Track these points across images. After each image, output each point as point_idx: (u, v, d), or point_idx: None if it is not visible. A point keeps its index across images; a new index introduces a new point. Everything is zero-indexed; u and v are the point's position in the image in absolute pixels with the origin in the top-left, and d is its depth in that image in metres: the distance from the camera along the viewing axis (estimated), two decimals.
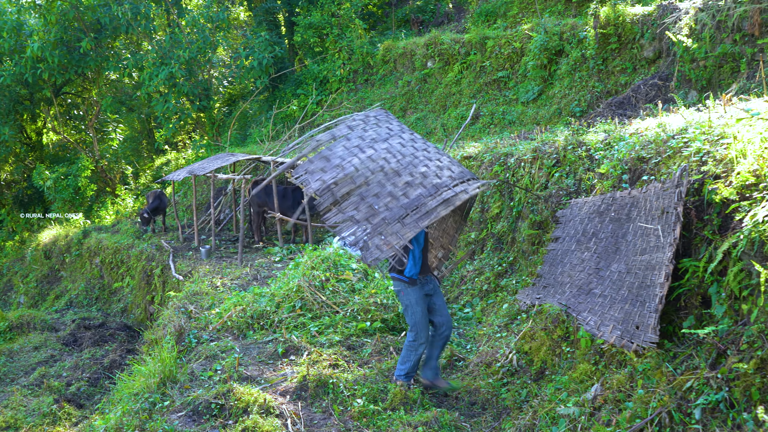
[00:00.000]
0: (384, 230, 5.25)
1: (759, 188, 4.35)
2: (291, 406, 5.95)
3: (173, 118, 22.23)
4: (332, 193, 5.37)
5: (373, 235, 5.23)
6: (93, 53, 22.99)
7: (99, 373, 11.34)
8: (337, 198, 5.37)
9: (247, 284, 10.62)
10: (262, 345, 7.68)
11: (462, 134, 14.60)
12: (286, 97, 22.82)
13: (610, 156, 7.14)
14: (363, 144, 5.69)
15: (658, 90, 11.09)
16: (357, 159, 5.54)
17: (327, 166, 5.48)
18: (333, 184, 5.34)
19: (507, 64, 16.25)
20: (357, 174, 5.41)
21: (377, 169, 5.50)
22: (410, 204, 5.38)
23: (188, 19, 22.45)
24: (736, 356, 4.06)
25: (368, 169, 5.50)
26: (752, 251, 4.21)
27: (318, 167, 5.48)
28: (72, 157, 27.53)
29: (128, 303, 15.99)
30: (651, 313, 4.82)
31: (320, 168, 5.47)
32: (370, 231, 5.24)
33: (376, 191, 5.41)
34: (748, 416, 3.67)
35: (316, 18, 21.50)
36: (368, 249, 5.19)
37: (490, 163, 10.21)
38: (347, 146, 5.64)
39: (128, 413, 6.06)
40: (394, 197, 5.42)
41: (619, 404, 4.66)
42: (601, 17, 12.66)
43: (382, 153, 5.67)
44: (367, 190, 5.41)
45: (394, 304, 8.35)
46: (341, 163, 5.47)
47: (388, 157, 5.64)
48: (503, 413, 5.98)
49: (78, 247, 19.78)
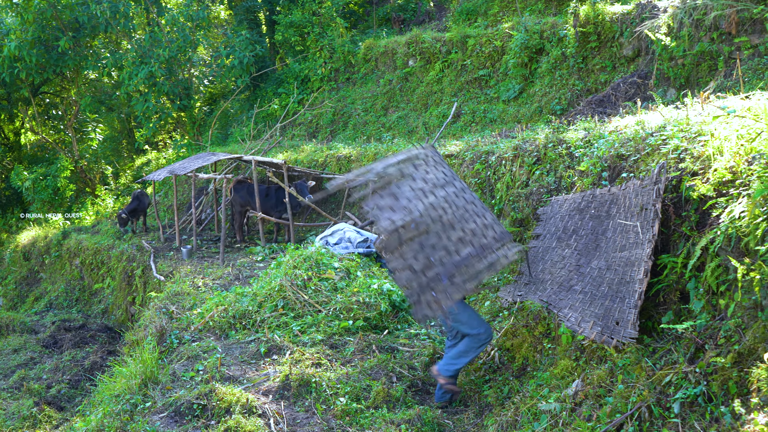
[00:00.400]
0: (436, 287, 5.24)
1: (735, 185, 4.40)
2: (274, 406, 5.94)
3: (153, 118, 22.08)
4: (399, 236, 5.28)
5: (426, 290, 5.22)
6: (71, 52, 22.77)
7: (80, 375, 11.25)
8: (403, 241, 5.31)
9: (229, 284, 10.58)
10: (244, 345, 7.66)
11: (443, 132, 14.64)
12: (267, 96, 22.74)
13: (590, 154, 7.20)
14: (426, 188, 5.53)
15: (638, 88, 11.18)
16: (422, 204, 5.39)
17: (395, 205, 5.31)
18: (401, 227, 5.27)
19: (488, 63, 16.31)
20: (421, 220, 5.31)
21: (437, 218, 5.41)
22: (460, 262, 5.36)
23: (168, 17, 22.30)
24: (714, 351, 4.11)
25: (430, 217, 5.38)
26: (729, 247, 4.27)
27: (387, 204, 5.31)
28: (51, 157, 27.26)
29: (109, 304, 15.87)
30: (630, 309, 4.87)
31: (389, 206, 5.29)
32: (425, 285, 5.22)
33: (433, 242, 5.34)
34: (726, 410, 3.71)
35: (297, 17, 21.44)
36: (420, 304, 5.19)
37: (472, 161, 10.25)
38: (413, 187, 5.45)
39: (109, 415, 6.02)
40: (447, 252, 5.38)
41: (600, 399, 4.70)
42: (581, 16, 12.75)
43: (441, 201, 5.55)
44: (426, 238, 5.36)
45: (376, 303, 8.35)
46: (408, 206, 5.31)
47: (446, 206, 5.54)
48: (485, 410, 6.02)
49: (57, 248, 19.60)
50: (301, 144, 18.26)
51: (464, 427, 5.82)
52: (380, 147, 14.44)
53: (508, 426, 5.33)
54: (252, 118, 21.38)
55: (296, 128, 20.95)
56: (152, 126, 22.12)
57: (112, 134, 30.72)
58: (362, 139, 17.66)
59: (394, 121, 17.97)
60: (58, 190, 24.50)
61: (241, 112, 24.09)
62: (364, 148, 14.74)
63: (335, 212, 14.64)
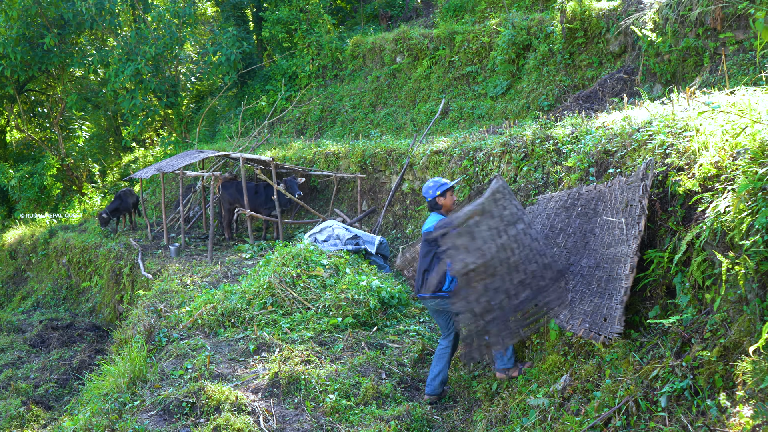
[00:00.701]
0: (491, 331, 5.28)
1: (720, 180, 4.44)
2: (263, 403, 5.94)
3: (140, 115, 21.96)
4: (468, 279, 5.25)
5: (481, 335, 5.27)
6: (57, 49, 22.61)
7: (67, 374, 11.19)
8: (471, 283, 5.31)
9: (217, 282, 10.56)
10: (233, 343, 7.65)
11: (431, 129, 14.65)
12: (254, 93, 22.67)
13: (577, 149, 7.23)
14: (500, 227, 5.45)
15: (624, 84, 11.24)
16: (494, 246, 5.33)
17: (471, 245, 5.25)
18: (472, 270, 5.26)
19: (475, 59, 16.33)
20: (491, 263, 5.29)
21: (504, 260, 5.38)
22: (518, 307, 5.38)
23: (154, 14, 22.18)
24: (700, 344, 4.15)
25: (499, 259, 5.35)
26: (714, 241, 4.30)
27: (463, 244, 5.24)
28: (37, 155, 27.08)
29: (97, 303, 15.78)
30: (617, 305, 4.90)
31: (465, 246, 5.23)
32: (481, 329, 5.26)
33: (497, 285, 5.34)
34: (712, 403, 3.75)
35: (285, 13, 21.37)
36: (471, 347, 5.26)
37: (460, 158, 10.27)
38: (490, 226, 5.38)
39: (98, 414, 6.00)
40: (508, 296, 5.38)
41: (588, 394, 4.73)
42: (568, 12, 12.78)
43: (511, 242, 5.50)
44: (492, 282, 5.34)
45: (365, 300, 8.36)
46: (482, 247, 5.25)
47: (514, 247, 5.49)
48: (474, 405, 6.04)
49: (44, 247, 19.46)
50: (289, 141, 18.22)
51: (453, 423, 5.85)
52: (368, 144, 14.44)
53: (497, 421, 5.36)
54: (239, 115, 21.31)
55: (284, 125, 20.90)
56: (139, 123, 22.00)
57: (98, 132, 30.53)
58: (350, 135, 17.65)
59: (382, 118, 17.97)
60: (45, 189, 24.33)
61: (229, 110, 24.01)
62: (353, 145, 14.73)
63: (324, 209, 14.63)
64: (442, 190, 6.10)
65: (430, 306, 6.18)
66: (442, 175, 10.90)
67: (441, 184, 6.13)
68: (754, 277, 3.86)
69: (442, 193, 6.09)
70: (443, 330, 6.26)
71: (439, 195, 6.10)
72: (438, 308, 6.10)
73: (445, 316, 6.15)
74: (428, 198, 6.17)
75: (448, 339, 6.22)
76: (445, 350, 6.20)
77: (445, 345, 6.22)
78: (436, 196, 6.10)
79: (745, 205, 3.95)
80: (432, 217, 6.10)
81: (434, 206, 6.14)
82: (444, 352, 6.20)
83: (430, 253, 5.96)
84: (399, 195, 12.64)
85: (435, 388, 6.24)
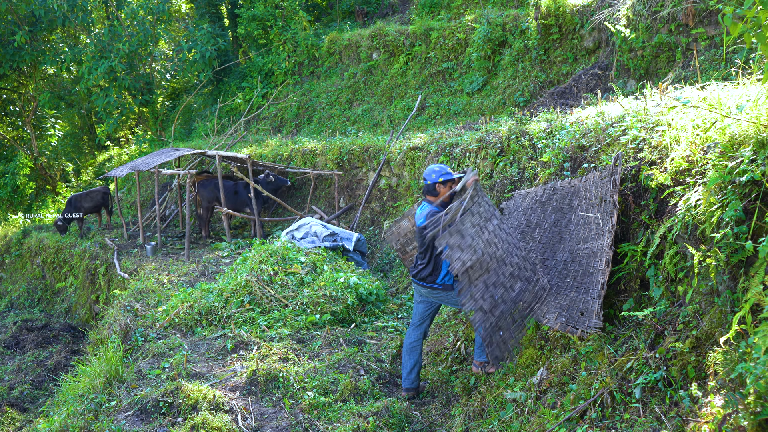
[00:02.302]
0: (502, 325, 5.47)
1: (692, 173, 4.50)
2: (241, 401, 5.92)
3: (115, 113, 21.73)
4: (469, 277, 5.34)
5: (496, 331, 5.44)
6: (28, 47, 22.26)
7: (43, 375, 11.07)
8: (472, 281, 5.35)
9: (194, 280, 10.49)
10: (210, 341, 7.61)
11: (408, 125, 14.67)
12: (230, 91, 22.53)
13: (552, 145, 7.28)
14: (481, 222, 5.51)
15: (599, 79, 11.33)
16: (481, 241, 5.40)
17: (462, 243, 5.30)
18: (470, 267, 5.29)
19: (451, 55, 16.37)
20: (483, 258, 5.37)
21: (493, 254, 5.46)
22: (516, 298, 5.58)
23: (127, 11, 21.94)
24: (673, 336, 4.20)
25: (488, 254, 5.42)
26: (686, 234, 4.36)
27: (456, 243, 5.29)
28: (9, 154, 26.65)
29: (72, 303, 15.60)
30: (594, 300, 4.95)
31: (458, 245, 5.29)
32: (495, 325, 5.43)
33: (493, 280, 5.44)
34: (685, 393, 3.80)
35: (260, 10, 21.25)
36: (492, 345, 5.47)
37: (436, 154, 10.29)
38: (473, 222, 5.43)
39: (73, 415, 5.95)
40: (505, 289, 5.52)
41: (564, 387, 4.77)
42: (543, 8, 12.85)
43: (492, 236, 5.56)
44: (488, 277, 5.43)
45: (343, 297, 8.36)
46: (472, 243, 5.32)
47: (496, 242, 5.56)
48: (452, 400, 6.07)
49: (18, 247, 19.20)
50: (266, 138, 18.14)
51: (431, 418, 5.87)
52: (345, 141, 14.43)
53: (474, 415, 5.39)
54: (215, 112, 21.17)
55: (261, 122, 20.80)
56: (113, 122, 21.77)
57: (72, 130, 30.14)
58: (327, 132, 17.61)
59: (359, 115, 17.95)
60: (18, 188, 23.99)
61: (205, 107, 23.83)
62: (330, 142, 14.71)
63: (301, 207, 14.60)
64: (445, 179, 5.93)
65: (419, 291, 6.11)
66: (418, 172, 10.92)
67: (446, 172, 5.95)
68: (725, 269, 3.92)
69: (443, 182, 6.00)
70: (417, 319, 6.22)
71: (440, 182, 5.97)
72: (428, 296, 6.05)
73: (425, 306, 6.15)
74: (428, 181, 5.96)
75: (419, 330, 6.20)
76: (417, 342, 6.20)
77: (416, 337, 6.20)
78: (438, 182, 5.95)
79: (716, 198, 4.01)
80: (423, 206, 5.97)
81: (431, 191, 5.96)
82: (416, 345, 6.20)
83: (423, 246, 5.90)
84: (376, 191, 12.65)
85: (412, 382, 6.25)
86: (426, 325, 6.22)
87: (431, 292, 5.96)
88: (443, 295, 5.94)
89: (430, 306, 6.14)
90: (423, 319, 6.20)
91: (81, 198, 16.43)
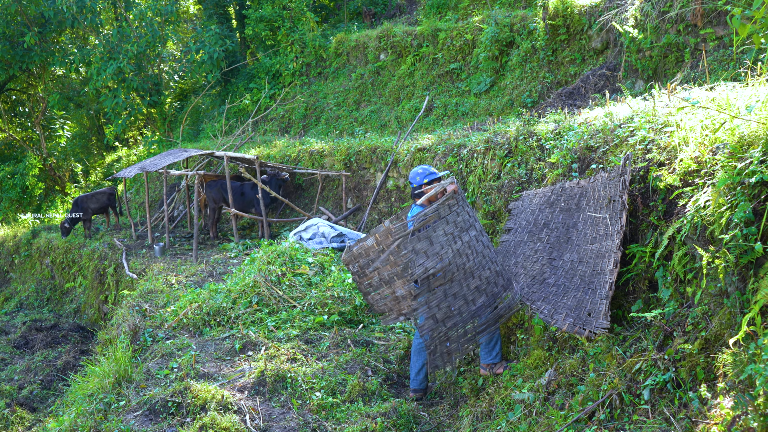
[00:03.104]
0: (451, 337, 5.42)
1: (700, 174, 4.49)
2: (249, 402, 5.94)
3: (123, 114, 21.80)
4: (429, 284, 5.34)
5: (443, 341, 5.39)
6: (37, 48, 22.39)
7: (52, 375, 11.12)
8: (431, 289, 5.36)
9: (202, 281, 10.52)
10: (218, 341, 7.63)
11: (416, 126, 14.67)
12: (238, 92, 22.57)
13: (560, 146, 7.27)
14: (455, 232, 5.51)
15: (607, 80, 11.31)
16: (451, 251, 5.41)
17: (429, 250, 5.32)
18: (432, 274, 5.30)
19: (459, 56, 16.36)
20: (449, 268, 5.37)
21: (461, 265, 5.46)
22: (475, 312, 5.52)
23: (136, 12, 22.02)
24: (682, 337, 4.20)
25: (456, 264, 5.43)
26: (695, 235, 4.35)
27: (423, 249, 5.31)
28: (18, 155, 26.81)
29: (81, 303, 15.67)
30: (602, 300, 4.95)
31: (424, 251, 5.31)
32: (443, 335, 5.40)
33: (455, 290, 5.44)
34: (694, 395, 3.80)
35: (268, 11, 21.28)
36: (434, 354, 5.41)
37: (444, 155, 10.29)
38: (446, 231, 5.44)
39: (82, 414, 5.97)
40: (465, 301, 5.49)
41: (572, 388, 4.77)
42: (550, 8, 12.83)
43: (465, 248, 5.56)
44: (450, 287, 5.42)
45: (351, 297, 8.37)
46: (440, 252, 5.34)
47: (468, 253, 5.56)
48: (460, 401, 6.07)
49: (27, 248, 19.29)
50: (274, 139, 18.17)
51: (439, 419, 5.88)
52: (353, 141, 14.44)
53: (482, 416, 5.39)
54: (223, 113, 21.21)
55: (268, 123, 20.84)
56: (122, 122, 21.84)
57: (81, 131, 30.28)
58: (335, 133, 17.63)
59: (367, 116, 17.96)
60: (27, 189, 24.10)
61: (212, 108, 23.88)
62: (337, 143, 14.72)
63: (309, 207, 14.62)
64: (430, 179, 5.97)
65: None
66: None
67: (430, 172, 6.00)
68: (734, 271, 3.91)
69: (429, 182, 5.99)
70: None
71: (426, 183, 5.98)
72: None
73: None
74: (414, 184, 6.03)
75: None
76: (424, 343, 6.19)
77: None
78: (423, 184, 5.99)
79: (725, 199, 4.00)
80: (413, 210, 5.96)
81: (418, 194, 6.01)
82: (423, 345, 6.18)
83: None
84: (384, 192, 12.66)
85: (420, 383, 6.25)
86: None
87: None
88: None
89: None
90: None
91: (86, 199, 16.44)
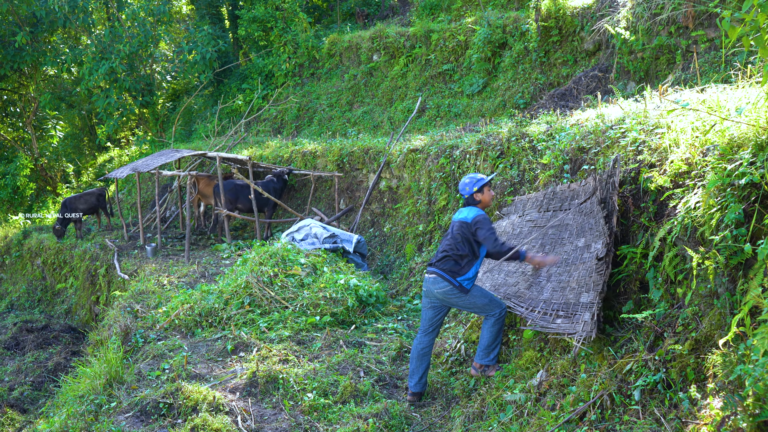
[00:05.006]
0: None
1: (691, 176, 4.51)
2: (241, 403, 5.93)
3: (115, 114, 21.74)
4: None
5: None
6: (29, 48, 22.29)
7: (43, 376, 11.07)
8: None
9: (194, 282, 10.50)
10: (210, 343, 7.62)
11: (408, 127, 14.68)
12: (231, 92, 22.54)
13: (552, 147, 7.30)
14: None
15: (599, 81, 11.34)
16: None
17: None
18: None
19: (452, 57, 16.38)
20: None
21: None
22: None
23: (128, 12, 21.95)
24: (672, 338, 4.21)
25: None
26: (686, 237, 4.37)
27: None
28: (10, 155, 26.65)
29: (72, 304, 15.61)
30: (593, 302, 4.96)
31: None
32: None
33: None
34: (684, 395, 3.81)
35: (260, 11, 21.26)
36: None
37: (436, 156, 10.31)
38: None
39: (73, 416, 5.95)
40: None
41: (563, 389, 4.78)
42: (543, 10, 12.87)
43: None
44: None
45: (343, 298, 8.37)
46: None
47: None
48: (452, 402, 6.07)
49: (18, 248, 19.21)
50: (266, 140, 18.15)
51: (431, 420, 5.88)
52: (345, 142, 14.44)
53: (474, 417, 5.40)
54: (216, 114, 21.18)
55: (261, 124, 20.81)
56: (114, 123, 21.77)
57: (72, 131, 30.15)
58: (327, 134, 17.62)
59: (359, 116, 17.96)
60: (18, 189, 23.99)
61: (205, 108, 23.84)
62: (330, 144, 14.72)
63: (301, 208, 14.61)
64: (479, 186, 5.92)
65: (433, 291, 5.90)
66: (418, 173, 10.93)
67: (478, 179, 5.94)
68: (724, 272, 3.93)
69: (479, 189, 5.96)
70: (427, 325, 6.08)
71: (476, 191, 5.94)
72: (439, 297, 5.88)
73: (434, 312, 6.02)
74: (465, 195, 5.98)
75: (430, 336, 6.11)
76: (428, 348, 6.12)
77: (427, 343, 6.07)
78: (474, 193, 5.95)
79: (715, 200, 4.02)
80: (469, 209, 5.90)
81: (471, 202, 5.98)
82: (427, 350, 6.11)
83: (466, 241, 5.80)
84: (376, 193, 12.66)
85: (422, 387, 6.21)
86: (437, 332, 6.16)
87: (445, 293, 5.81)
88: (456, 297, 5.80)
89: (439, 311, 6.03)
90: (433, 325, 6.06)
91: (75, 200, 16.36)
